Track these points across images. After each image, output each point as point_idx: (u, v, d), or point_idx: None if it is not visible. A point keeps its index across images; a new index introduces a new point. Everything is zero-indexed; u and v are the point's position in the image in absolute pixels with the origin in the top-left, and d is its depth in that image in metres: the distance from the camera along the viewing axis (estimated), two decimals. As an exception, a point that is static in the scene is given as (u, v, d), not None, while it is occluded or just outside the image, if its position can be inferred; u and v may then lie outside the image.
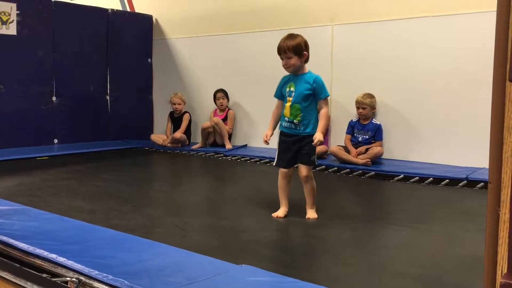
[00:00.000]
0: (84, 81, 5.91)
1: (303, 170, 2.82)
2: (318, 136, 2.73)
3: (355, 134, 4.73)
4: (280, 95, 2.90)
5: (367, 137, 4.66)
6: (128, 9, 6.73)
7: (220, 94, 5.79)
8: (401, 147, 4.69)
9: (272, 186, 3.90)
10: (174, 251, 2.08)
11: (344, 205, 3.36)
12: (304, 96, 2.79)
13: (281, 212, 2.83)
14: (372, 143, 4.62)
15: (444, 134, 4.47)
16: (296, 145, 2.81)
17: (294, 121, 2.79)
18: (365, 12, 4.83)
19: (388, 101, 4.75)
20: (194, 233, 2.56)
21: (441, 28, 4.44)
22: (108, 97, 6.14)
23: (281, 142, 2.87)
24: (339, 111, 5.03)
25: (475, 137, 4.23)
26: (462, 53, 4.32)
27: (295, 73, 2.85)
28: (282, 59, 2.86)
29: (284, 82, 2.89)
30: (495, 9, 0.99)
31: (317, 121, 2.86)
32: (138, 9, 6.64)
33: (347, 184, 3.99)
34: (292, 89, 2.82)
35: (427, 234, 2.56)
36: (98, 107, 6.06)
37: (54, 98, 5.65)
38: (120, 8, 6.71)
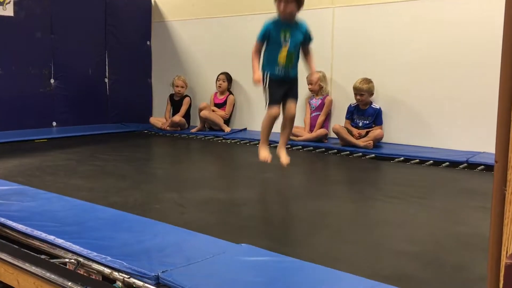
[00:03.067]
0: (83, 63, 5.86)
1: (293, 107, 2.90)
2: (317, 75, 2.83)
3: (355, 120, 4.70)
4: (264, 38, 2.91)
5: (367, 122, 4.63)
6: (127, -9, 6.64)
7: (221, 76, 5.75)
8: (402, 132, 4.67)
9: (271, 164, 3.93)
10: (173, 230, 2.07)
11: (345, 181, 3.39)
12: (298, 44, 2.85)
13: (267, 153, 2.91)
14: (372, 127, 4.60)
15: (444, 119, 4.45)
16: (285, 86, 2.88)
17: (289, 66, 2.83)
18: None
19: (389, 85, 4.71)
20: (193, 209, 2.57)
21: (442, 11, 4.38)
22: (107, 80, 6.10)
23: (271, 85, 2.90)
24: (340, 94, 5.00)
25: (476, 122, 4.21)
26: (464, 37, 4.27)
27: (290, 21, 2.85)
28: (279, 3, 2.86)
29: (276, 27, 2.88)
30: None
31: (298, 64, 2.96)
32: (137, -10, 6.55)
33: (348, 164, 4.01)
34: (287, 36, 2.82)
35: (428, 209, 2.59)
36: (97, 90, 6.02)
37: (52, 81, 5.60)
38: (118, -11, 6.62)
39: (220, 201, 2.74)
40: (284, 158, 2.88)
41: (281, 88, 2.85)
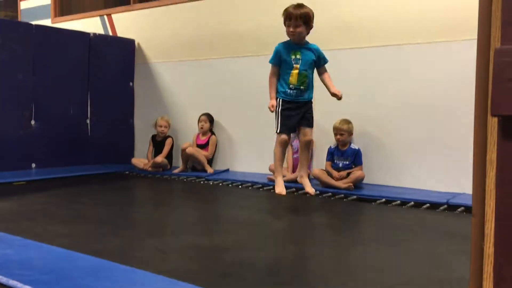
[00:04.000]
0: (64, 105, 5.84)
1: (308, 133, 2.87)
2: (338, 91, 2.79)
3: (335, 161, 4.74)
4: (279, 61, 2.91)
5: (347, 162, 4.68)
6: (110, 33, 6.73)
7: (203, 117, 5.78)
8: (382, 173, 4.73)
9: (255, 207, 3.90)
10: (154, 279, 2.03)
11: (327, 225, 3.38)
12: (310, 64, 2.87)
13: (282, 187, 2.86)
14: (352, 168, 4.64)
15: (424, 160, 4.52)
16: (300, 111, 2.84)
17: (301, 87, 2.82)
18: (344, 39, 4.90)
19: (369, 127, 4.79)
20: (174, 255, 2.53)
21: (421, 55, 4.53)
22: (88, 121, 6.08)
23: (284, 110, 2.88)
24: (321, 136, 5.05)
25: (455, 163, 4.29)
26: (442, 80, 4.40)
27: (299, 42, 2.88)
28: (288, 25, 2.88)
29: (286, 49, 2.90)
30: (475, 37, 1.01)
31: (313, 87, 2.97)
32: (121, 33, 6.64)
33: (329, 207, 3.99)
34: (298, 56, 2.84)
35: (410, 253, 2.59)
36: (78, 131, 5.98)
37: (32, 122, 5.56)
38: (102, 32, 6.71)
39: (203, 247, 2.70)
40: (309, 188, 2.85)
41: (294, 115, 2.83)
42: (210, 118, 5.80)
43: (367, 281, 2.16)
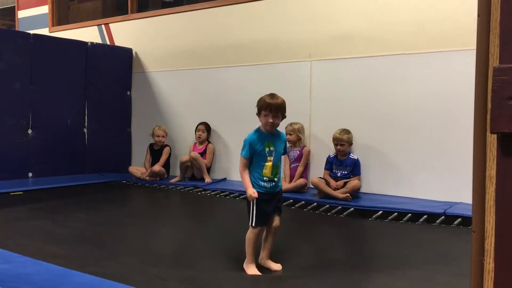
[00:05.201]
0: (61, 114, 5.84)
1: (278, 220, 2.81)
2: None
3: (334, 170, 4.75)
4: (251, 154, 2.82)
5: (345, 172, 4.68)
6: (108, 42, 6.74)
7: (201, 127, 5.79)
8: (380, 182, 4.73)
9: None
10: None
11: (324, 249, 3.22)
12: (281, 155, 2.84)
13: (255, 270, 2.74)
14: (350, 177, 4.65)
15: (421, 169, 4.53)
16: (273, 202, 2.80)
17: (275, 179, 2.78)
18: (343, 49, 4.93)
19: (366, 136, 4.80)
20: (173, 283, 2.45)
21: (417, 65, 4.55)
22: (85, 130, 6.07)
23: (260, 203, 2.77)
24: (318, 146, 5.07)
25: (452, 172, 4.30)
26: (439, 89, 4.42)
27: (272, 133, 2.83)
28: (266, 116, 2.80)
29: (260, 141, 2.81)
30: (472, 47, 1.02)
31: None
32: (118, 42, 6.65)
33: (327, 224, 3.91)
34: (271, 148, 2.78)
35: (406, 280, 2.54)
36: (75, 140, 5.97)
37: (29, 131, 5.55)
38: (100, 41, 6.72)
39: (201, 277, 2.59)
40: (275, 266, 2.79)
41: (268, 206, 2.79)
42: (207, 127, 5.81)
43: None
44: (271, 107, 2.74)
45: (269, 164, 2.73)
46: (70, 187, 5.24)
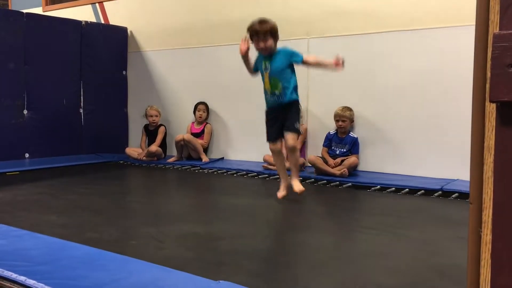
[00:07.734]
0: (57, 94, 5.79)
1: (289, 138, 2.88)
2: (335, 59, 2.85)
3: (332, 147, 4.74)
4: (256, 69, 3.12)
5: (344, 150, 4.67)
6: (102, 21, 6.65)
7: (202, 106, 5.75)
8: (377, 160, 4.73)
9: (250, 195, 3.89)
10: (149, 268, 2.02)
11: (323, 213, 3.38)
12: (281, 68, 2.93)
13: (284, 191, 2.94)
14: (348, 155, 4.64)
15: (419, 147, 4.53)
16: (281, 116, 2.91)
17: (276, 92, 2.88)
18: (340, 26, 4.87)
19: (364, 114, 4.78)
20: (170, 244, 2.52)
21: (415, 42, 4.50)
22: (81, 110, 6.03)
23: (267, 121, 3.01)
24: (316, 124, 5.05)
25: (450, 149, 4.29)
26: (437, 66, 4.39)
27: (270, 53, 2.95)
28: (256, 41, 2.95)
29: (259, 61, 3.10)
30: (471, 23, 0.99)
31: (295, 87, 3.00)
32: (113, 21, 6.56)
33: (325, 194, 4.01)
34: (267, 65, 2.95)
35: (405, 240, 2.59)
36: (71, 121, 5.94)
37: (25, 112, 5.51)
38: (94, 20, 6.62)
39: (199, 235, 2.70)
40: (296, 186, 2.98)
41: (276, 121, 2.92)
42: (207, 108, 5.78)
43: (363, 267, 2.17)
44: (256, 33, 2.88)
45: (266, 79, 2.93)
46: (68, 166, 5.24)
